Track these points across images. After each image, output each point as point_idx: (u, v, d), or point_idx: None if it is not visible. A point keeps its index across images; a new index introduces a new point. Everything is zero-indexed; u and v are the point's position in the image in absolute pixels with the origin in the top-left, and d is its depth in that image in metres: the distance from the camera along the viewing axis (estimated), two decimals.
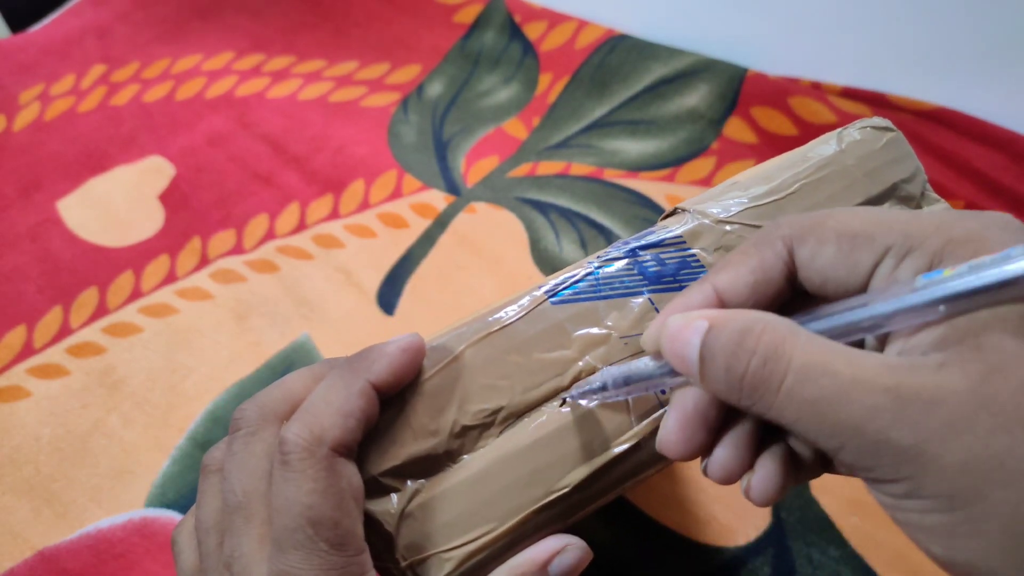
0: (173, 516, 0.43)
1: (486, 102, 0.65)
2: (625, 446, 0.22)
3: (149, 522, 0.43)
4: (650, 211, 0.56)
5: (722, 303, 0.20)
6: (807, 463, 0.21)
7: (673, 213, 0.26)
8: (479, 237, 0.55)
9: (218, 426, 0.46)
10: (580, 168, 0.59)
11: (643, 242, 0.25)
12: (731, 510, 0.43)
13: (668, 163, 0.59)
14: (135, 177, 0.62)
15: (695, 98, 0.62)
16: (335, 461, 0.22)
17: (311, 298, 0.53)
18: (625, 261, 0.25)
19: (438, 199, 0.58)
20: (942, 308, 0.16)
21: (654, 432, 0.22)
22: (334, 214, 0.58)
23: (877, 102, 0.58)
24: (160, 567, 0.41)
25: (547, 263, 0.53)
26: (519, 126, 0.63)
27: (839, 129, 0.28)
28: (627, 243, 0.25)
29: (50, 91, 0.68)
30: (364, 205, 0.58)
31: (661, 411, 0.22)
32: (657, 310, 0.24)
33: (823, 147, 0.27)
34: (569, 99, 0.64)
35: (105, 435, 0.47)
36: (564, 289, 0.24)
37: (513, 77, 0.67)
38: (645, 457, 0.22)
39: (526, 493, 0.22)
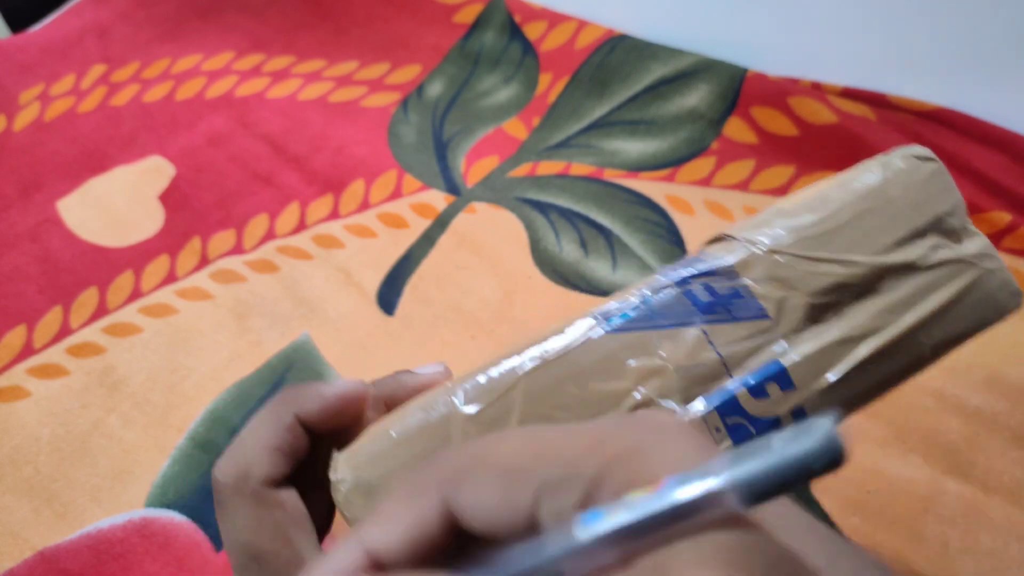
0: (173, 516, 0.43)
1: (486, 102, 0.65)
2: None
3: (149, 522, 0.43)
4: (650, 211, 0.56)
5: (377, 562, 0.17)
6: None
7: (720, 239, 0.26)
8: (479, 237, 0.55)
9: (218, 426, 0.46)
10: (580, 168, 0.59)
11: (693, 270, 0.25)
12: None
13: (668, 163, 0.59)
14: (135, 177, 0.62)
15: (695, 98, 0.62)
16: (266, 494, 0.23)
17: (311, 298, 0.53)
18: (676, 290, 0.25)
19: (438, 199, 0.58)
20: (612, 549, 0.14)
21: None
22: (334, 214, 0.58)
23: (877, 102, 0.58)
24: (160, 567, 0.41)
25: (547, 263, 0.53)
26: (519, 126, 0.63)
27: (881, 156, 0.28)
28: (676, 270, 0.25)
29: (50, 91, 0.68)
30: (364, 205, 0.58)
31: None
32: (711, 342, 0.24)
33: (867, 175, 0.27)
34: (569, 99, 0.64)
35: (105, 435, 0.47)
36: (617, 317, 0.24)
37: (513, 77, 0.67)
38: None
39: None
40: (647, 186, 0.58)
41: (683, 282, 0.25)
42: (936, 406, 0.46)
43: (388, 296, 0.53)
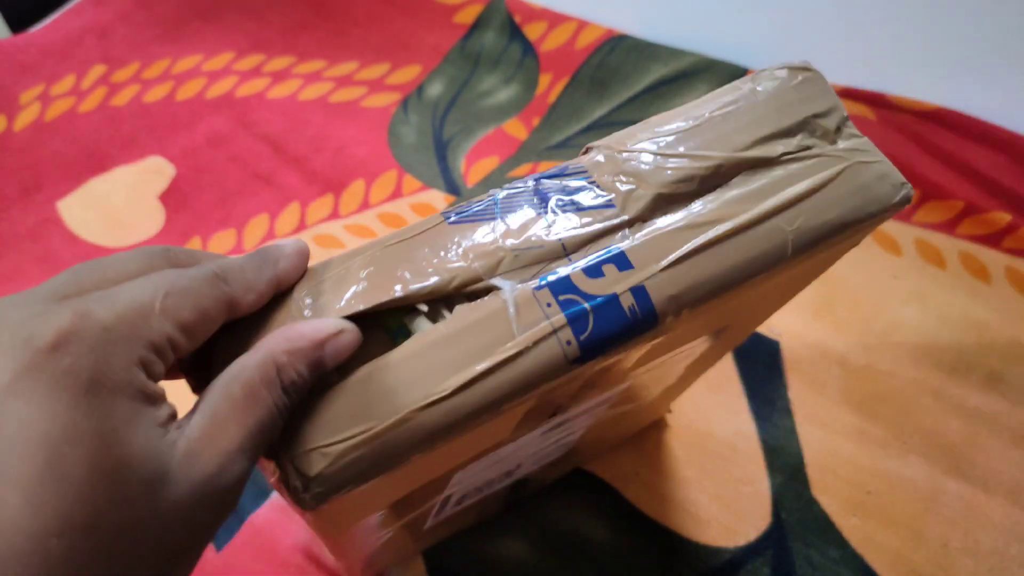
0: None
1: (486, 102, 0.65)
2: (506, 354, 0.22)
3: None
4: None
5: None
6: None
7: (585, 152, 0.27)
8: None
9: None
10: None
11: (548, 173, 0.26)
12: (731, 510, 0.43)
13: None
14: (135, 177, 0.62)
15: (695, 98, 0.62)
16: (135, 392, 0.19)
17: None
18: (528, 189, 0.25)
19: (438, 199, 0.58)
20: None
21: (537, 342, 0.22)
22: (334, 214, 0.58)
23: (877, 102, 0.58)
24: None
25: None
26: (519, 126, 0.63)
27: (756, 71, 0.28)
28: (533, 175, 0.26)
29: (50, 91, 0.68)
30: (364, 205, 0.58)
31: (546, 322, 0.23)
32: (551, 227, 0.24)
33: (737, 85, 0.27)
34: (569, 99, 0.64)
35: None
36: (464, 211, 0.25)
37: (513, 77, 0.67)
38: (529, 366, 0.22)
39: (406, 395, 0.22)
40: None
41: (535, 181, 0.25)
42: (936, 406, 0.46)
43: None
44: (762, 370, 0.48)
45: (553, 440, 0.34)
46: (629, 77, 0.64)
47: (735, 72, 0.61)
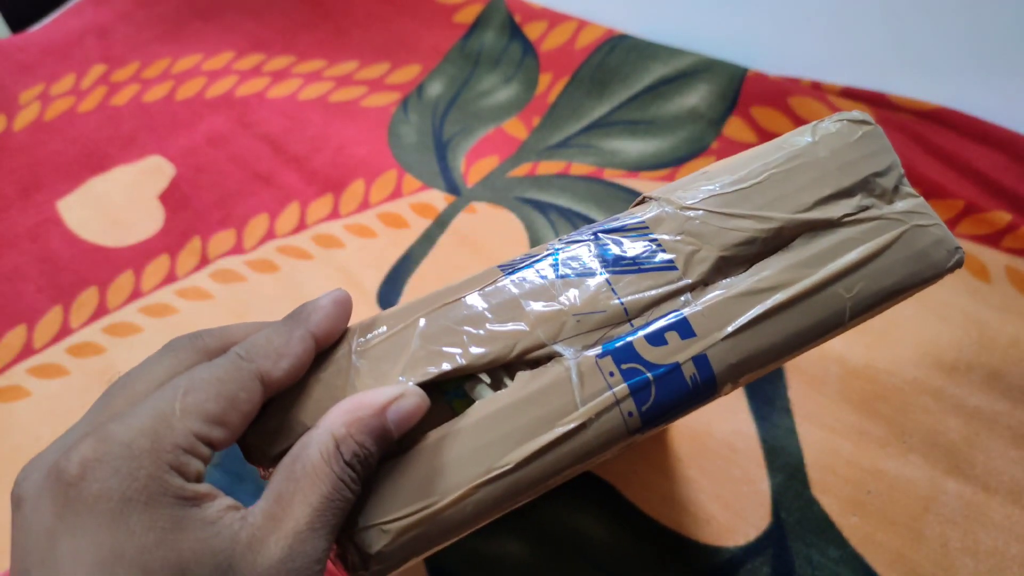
0: None
1: (486, 102, 0.65)
2: (569, 427, 0.22)
3: None
4: None
5: None
6: None
7: (642, 202, 0.26)
8: (479, 237, 0.55)
9: None
10: (580, 168, 0.59)
11: (606, 227, 0.25)
12: (731, 510, 0.43)
13: (668, 163, 0.59)
14: (135, 177, 0.62)
15: (695, 98, 0.62)
16: (188, 491, 0.20)
17: (311, 298, 0.52)
18: (587, 245, 0.25)
19: (438, 199, 0.58)
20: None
21: (600, 414, 0.22)
22: (334, 214, 0.58)
23: (877, 102, 0.58)
24: None
25: None
26: (519, 126, 0.63)
27: (815, 121, 0.27)
28: (591, 228, 0.25)
29: (50, 91, 0.68)
30: (364, 205, 0.58)
31: (609, 393, 0.22)
32: (613, 290, 0.24)
33: (797, 138, 0.27)
34: (569, 99, 0.64)
35: None
36: (523, 267, 0.24)
37: (513, 77, 0.67)
38: (590, 439, 0.22)
39: (468, 470, 0.21)
40: (647, 186, 0.58)
41: (594, 236, 0.25)
42: (936, 406, 0.46)
43: (389, 295, 0.53)
44: None
45: None
46: (629, 77, 0.64)
47: (735, 72, 0.61)
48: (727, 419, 0.46)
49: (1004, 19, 0.56)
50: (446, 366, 0.22)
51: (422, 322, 0.23)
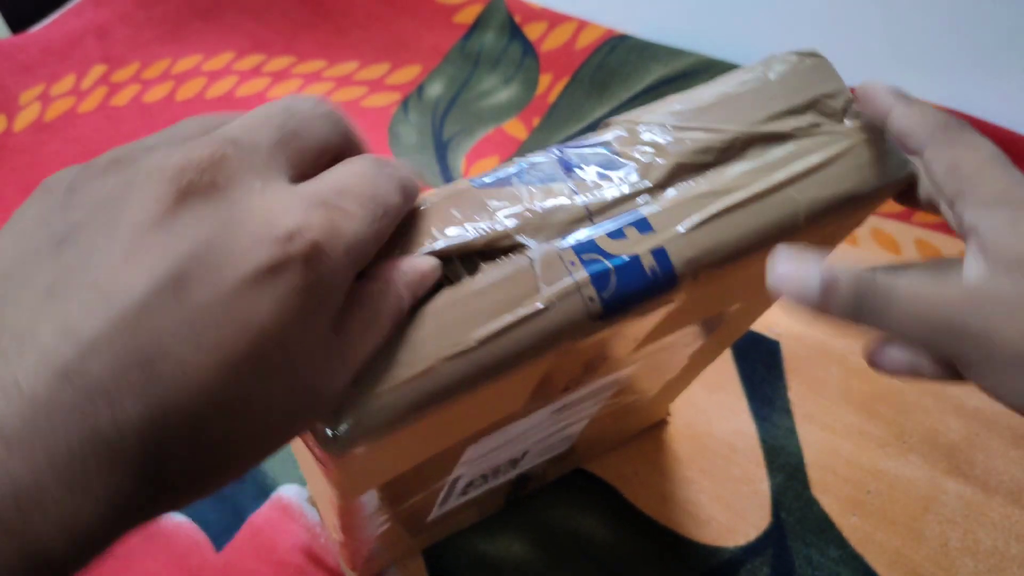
0: (173, 516, 0.43)
1: (486, 102, 0.65)
2: (531, 308, 0.23)
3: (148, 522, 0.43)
4: None
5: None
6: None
7: (605, 125, 0.28)
8: None
9: None
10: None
11: (569, 145, 0.27)
12: (731, 510, 0.43)
13: None
14: None
15: None
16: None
17: None
18: (550, 157, 0.26)
19: None
20: None
21: (561, 297, 0.23)
22: None
23: None
24: (160, 566, 0.41)
25: None
26: (519, 126, 0.63)
27: (766, 57, 0.29)
28: (554, 146, 0.27)
29: (50, 91, 0.68)
30: None
31: (569, 278, 0.23)
32: (576, 192, 0.25)
33: (749, 69, 0.29)
34: (569, 99, 0.64)
35: None
36: (488, 178, 0.25)
37: (513, 77, 0.67)
38: (553, 321, 0.23)
39: (433, 345, 0.22)
40: None
41: (558, 151, 0.26)
42: (936, 406, 0.46)
43: None
44: (762, 370, 0.48)
45: (559, 427, 0.35)
46: (629, 77, 0.64)
47: None
48: (727, 419, 0.46)
49: (1004, 19, 0.56)
50: (425, 250, 0.23)
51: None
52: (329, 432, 0.21)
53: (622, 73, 0.64)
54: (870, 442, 0.45)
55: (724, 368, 0.48)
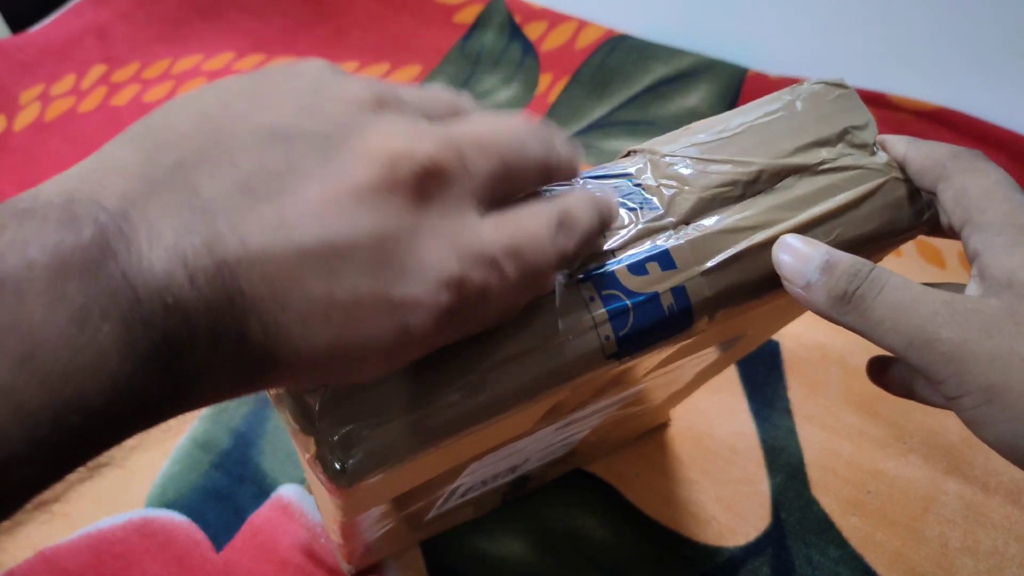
0: (173, 515, 0.43)
1: (486, 102, 0.65)
2: (545, 344, 0.23)
3: (149, 522, 0.43)
4: None
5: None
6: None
7: (627, 156, 0.27)
8: None
9: (219, 425, 0.46)
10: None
11: (592, 174, 0.26)
12: (731, 510, 0.43)
13: None
14: None
15: (695, 98, 0.62)
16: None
17: None
18: (573, 188, 0.25)
19: None
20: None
21: (577, 334, 0.23)
22: None
23: (877, 102, 0.58)
24: (160, 566, 0.41)
25: None
26: None
27: (793, 85, 0.28)
28: (579, 175, 0.26)
29: (50, 91, 0.68)
30: None
31: (587, 315, 0.23)
32: None
33: (775, 98, 0.28)
34: (569, 99, 0.64)
35: None
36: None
37: (513, 77, 0.67)
38: (567, 358, 0.23)
39: (446, 380, 0.22)
40: None
41: (582, 181, 0.26)
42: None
43: None
44: (762, 370, 0.48)
45: (563, 437, 0.35)
46: (629, 77, 0.64)
47: (735, 72, 0.61)
48: (728, 420, 0.46)
49: (1004, 19, 0.56)
50: None
51: None
52: (338, 465, 0.21)
53: (622, 73, 0.64)
54: (870, 442, 0.45)
55: (725, 370, 0.48)
